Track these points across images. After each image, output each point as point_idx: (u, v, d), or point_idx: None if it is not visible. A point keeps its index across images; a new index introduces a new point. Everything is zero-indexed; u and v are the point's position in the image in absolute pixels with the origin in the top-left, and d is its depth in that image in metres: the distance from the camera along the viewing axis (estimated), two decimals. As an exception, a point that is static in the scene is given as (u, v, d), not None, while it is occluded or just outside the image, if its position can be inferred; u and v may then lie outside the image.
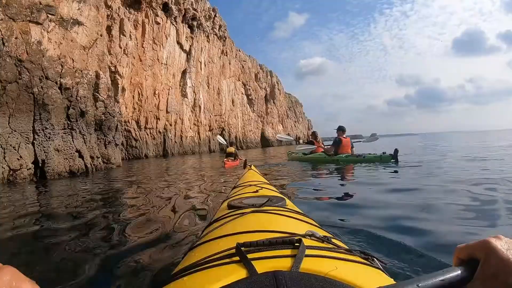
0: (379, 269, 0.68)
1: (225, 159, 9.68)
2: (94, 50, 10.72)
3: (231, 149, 10.66)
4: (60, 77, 8.77)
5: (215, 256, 0.66)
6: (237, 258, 0.62)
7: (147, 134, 31.83)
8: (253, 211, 1.08)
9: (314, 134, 9.34)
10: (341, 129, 7.65)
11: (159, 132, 33.39)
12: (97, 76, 10.71)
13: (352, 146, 7.77)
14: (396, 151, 6.17)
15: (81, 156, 8.83)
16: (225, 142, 12.80)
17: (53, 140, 8.15)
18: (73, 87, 9.19)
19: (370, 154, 6.66)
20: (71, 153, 8.57)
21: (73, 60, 9.43)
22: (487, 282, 0.43)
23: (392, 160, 6.18)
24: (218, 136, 13.52)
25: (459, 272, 0.45)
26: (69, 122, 8.84)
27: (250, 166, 3.13)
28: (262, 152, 27.69)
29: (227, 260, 0.63)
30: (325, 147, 8.35)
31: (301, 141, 9.86)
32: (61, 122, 8.66)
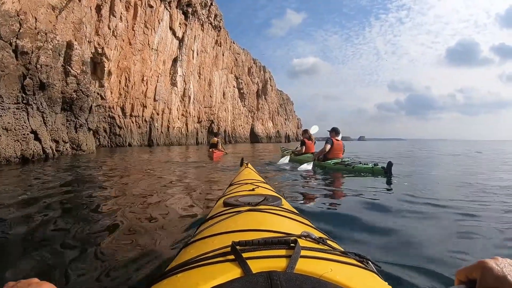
0: (374, 272, 0.68)
1: (209, 149, 9.84)
2: (70, 15, 9.04)
3: (214, 140, 11.02)
4: (17, 38, 7.06)
5: (210, 254, 0.66)
6: (232, 256, 0.63)
7: (132, 122, 30.68)
8: (249, 210, 1.07)
9: (306, 132, 8.42)
10: (334, 131, 6.96)
11: (145, 120, 32.28)
12: (70, 46, 8.95)
13: (344, 151, 7.05)
14: (389, 164, 5.24)
15: (38, 138, 7.15)
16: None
17: (0, 116, 6.50)
18: (32, 52, 7.46)
19: (360, 164, 5.99)
20: (24, 134, 6.87)
21: (36, 19, 7.68)
22: None
23: (384, 175, 5.31)
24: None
25: None
26: (24, 95, 7.12)
27: (247, 164, 3.10)
28: (251, 147, 27.22)
29: (222, 258, 0.63)
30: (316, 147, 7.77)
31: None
32: (13, 94, 6.94)
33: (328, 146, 6.81)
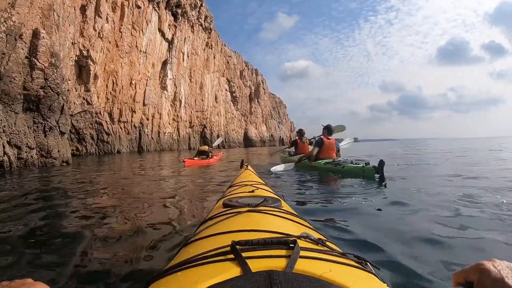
0: (372, 273, 0.69)
1: (188, 158, 8.55)
2: (36, 0, 7.64)
3: (204, 148, 10.15)
4: (-43, 15, 5.57)
5: (210, 253, 0.67)
6: (231, 256, 0.63)
7: (121, 128, 29.26)
8: (248, 211, 1.07)
9: (300, 132, 8.28)
10: (327, 128, 6.70)
11: (135, 126, 30.88)
12: (36, 35, 7.57)
13: (338, 150, 6.76)
14: (381, 163, 4.75)
15: (-15, 141, 5.66)
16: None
17: None
18: (-23, 33, 6.02)
19: (351, 163, 5.69)
20: (-35, 136, 5.37)
21: (-15, -6, 6.26)
22: None
23: (376, 175, 4.93)
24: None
25: None
26: (-34, 88, 5.62)
27: (247, 166, 3.08)
28: (246, 151, 26.45)
29: (222, 257, 0.64)
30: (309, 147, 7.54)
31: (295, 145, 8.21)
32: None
33: (316, 150, 6.64)
